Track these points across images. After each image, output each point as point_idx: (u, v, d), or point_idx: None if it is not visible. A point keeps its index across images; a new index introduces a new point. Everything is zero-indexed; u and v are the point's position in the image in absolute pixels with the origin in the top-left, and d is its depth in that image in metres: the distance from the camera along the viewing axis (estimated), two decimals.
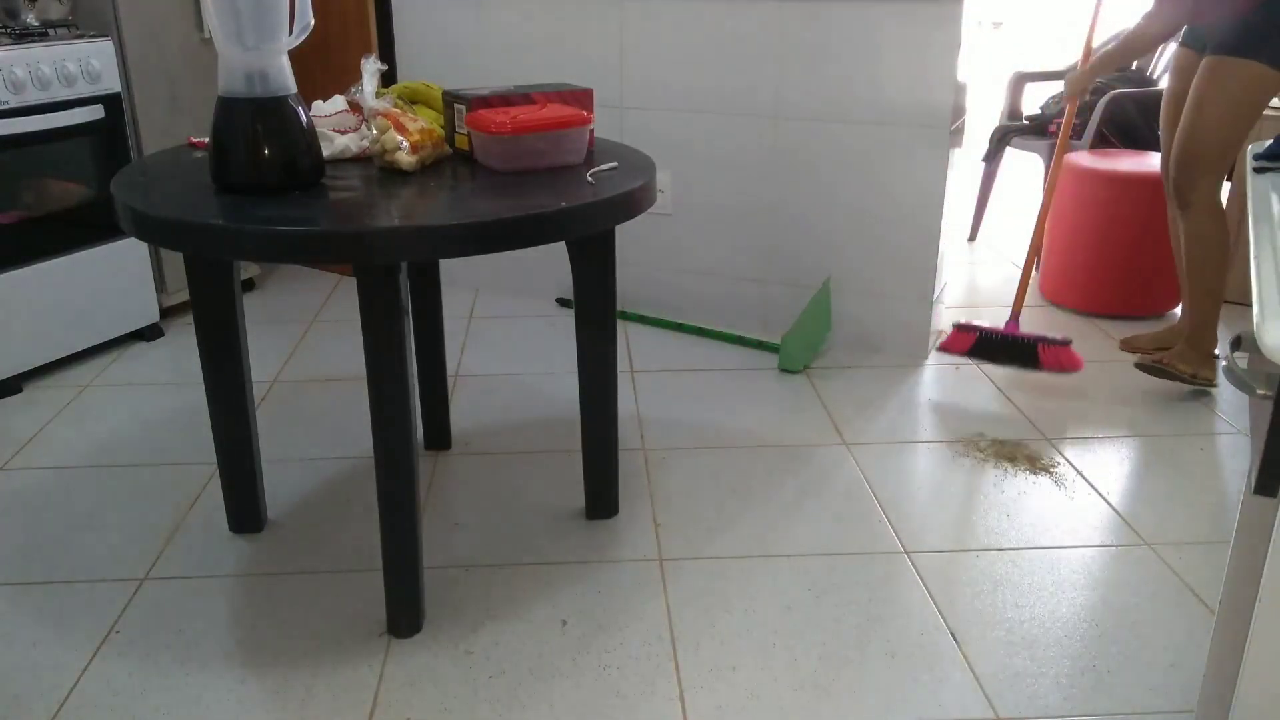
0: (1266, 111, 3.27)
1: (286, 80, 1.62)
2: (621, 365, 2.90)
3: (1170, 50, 3.55)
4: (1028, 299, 3.46)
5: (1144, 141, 3.54)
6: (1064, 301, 3.37)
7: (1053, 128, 3.73)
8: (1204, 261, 2.57)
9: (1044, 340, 2.72)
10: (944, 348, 2.84)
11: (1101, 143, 3.59)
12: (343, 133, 1.85)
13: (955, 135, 2.79)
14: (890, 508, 2.21)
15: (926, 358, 2.97)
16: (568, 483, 2.30)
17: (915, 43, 2.72)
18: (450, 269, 3.55)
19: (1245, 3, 2.35)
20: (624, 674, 1.71)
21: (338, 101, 1.93)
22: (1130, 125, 3.58)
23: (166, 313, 3.19)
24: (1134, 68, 3.78)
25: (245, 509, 2.10)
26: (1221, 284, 2.59)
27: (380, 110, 1.78)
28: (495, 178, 1.75)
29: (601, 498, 2.16)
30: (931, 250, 2.88)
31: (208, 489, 2.28)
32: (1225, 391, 2.76)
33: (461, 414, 2.63)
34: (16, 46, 2.64)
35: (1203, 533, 2.12)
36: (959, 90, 2.75)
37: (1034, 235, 2.81)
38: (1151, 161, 3.24)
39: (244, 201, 1.58)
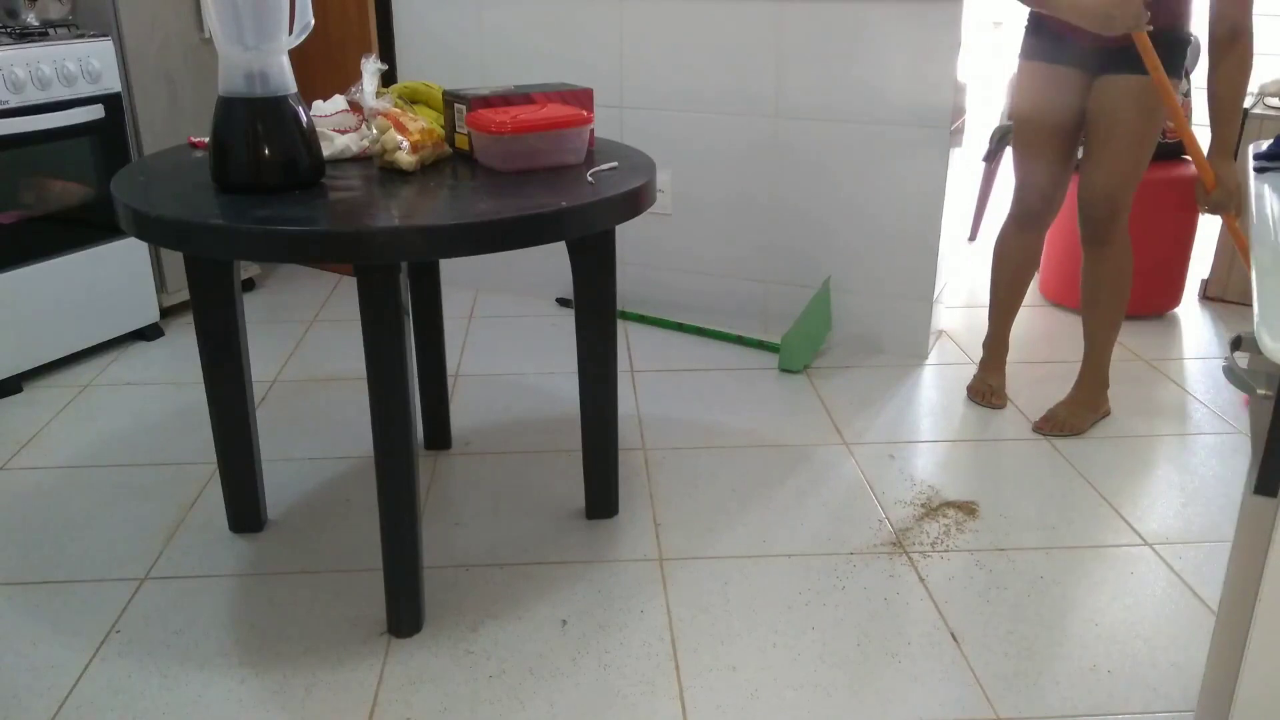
0: (1266, 111, 3.28)
1: (286, 80, 1.62)
2: (621, 365, 2.90)
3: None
4: (1028, 299, 3.46)
5: None
6: (1064, 301, 3.37)
7: None
8: (1122, 296, 2.45)
9: None
10: None
11: None
12: (343, 133, 1.85)
13: (955, 135, 2.79)
14: (890, 507, 2.21)
15: (926, 358, 2.97)
16: (568, 483, 2.30)
17: (915, 43, 2.72)
18: (450, 269, 3.55)
19: (1176, 17, 2.19)
20: (624, 674, 1.71)
21: (338, 101, 1.93)
22: None
23: (166, 313, 3.19)
24: None
25: (245, 509, 2.10)
26: (1124, 311, 2.51)
27: (380, 110, 1.78)
28: (495, 177, 1.75)
29: (601, 498, 2.16)
30: (931, 250, 2.88)
31: (208, 489, 2.28)
32: (1225, 391, 2.77)
33: (461, 414, 2.63)
34: (16, 46, 2.64)
35: (1203, 533, 2.12)
36: (959, 90, 2.75)
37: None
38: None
39: (244, 201, 1.58)
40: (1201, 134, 2.35)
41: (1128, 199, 2.35)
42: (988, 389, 2.69)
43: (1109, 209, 2.35)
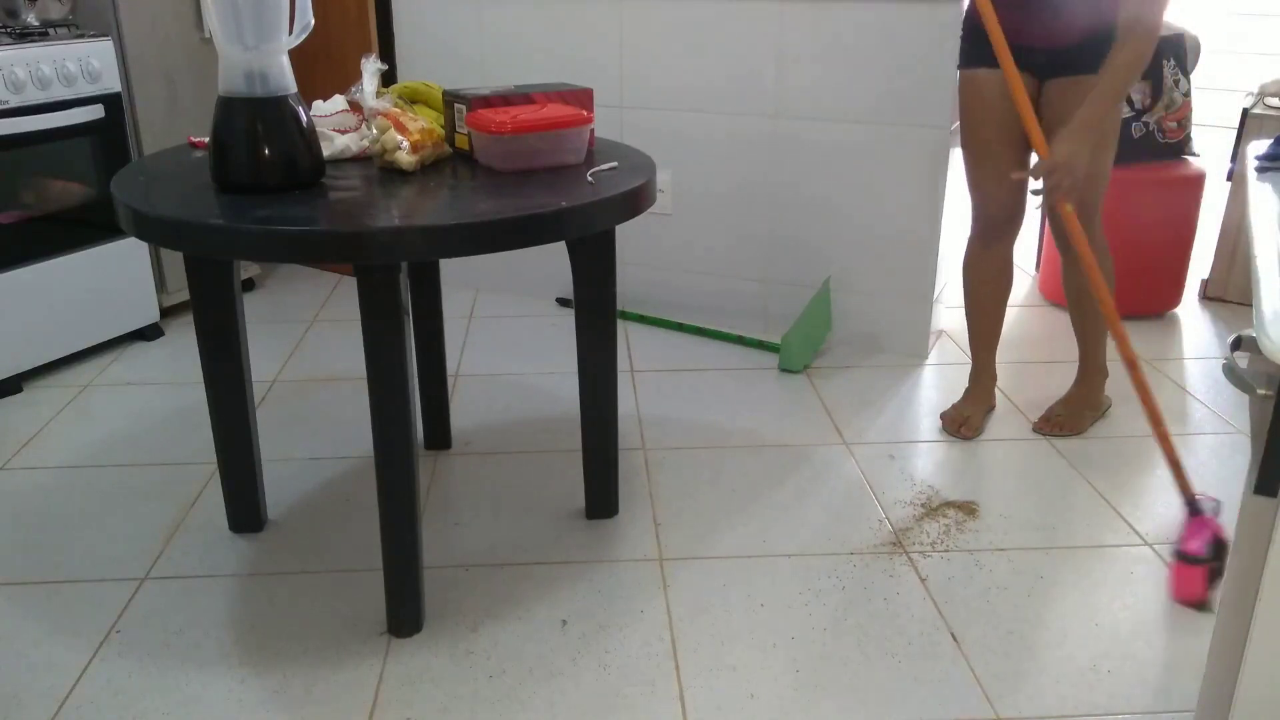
0: (1266, 111, 3.28)
1: (286, 80, 1.62)
2: (621, 365, 2.90)
3: None
4: (1027, 299, 3.47)
5: None
6: (1064, 301, 3.37)
7: None
8: (1106, 279, 2.36)
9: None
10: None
11: None
12: (343, 133, 1.85)
13: (955, 135, 2.79)
14: (890, 507, 2.21)
15: (926, 357, 2.97)
16: (568, 483, 2.30)
17: (915, 43, 2.72)
18: (450, 269, 3.55)
19: (1107, 16, 2.12)
20: (624, 674, 1.71)
21: (338, 101, 1.93)
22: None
23: (166, 313, 3.19)
24: None
25: (245, 509, 2.10)
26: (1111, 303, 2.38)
27: (380, 110, 1.78)
28: (495, 177, 1.76)
29: (601, 498, 2.16)
30: (931, 250, 2.88)
31: (208, 489, 2.28)
32: (1225, 391, 2.77)
33: (461, 414, 2.63)
34: (16, 46, 2.64)
35: None
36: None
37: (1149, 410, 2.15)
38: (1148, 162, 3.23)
39: (244, 201, 1.58)
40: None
41: (1100, 200, 2.30)
42: (962, 419, 2.52)
43: (1082, 213, 2.24)
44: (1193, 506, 1.98)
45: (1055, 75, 2.23)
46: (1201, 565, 1.90)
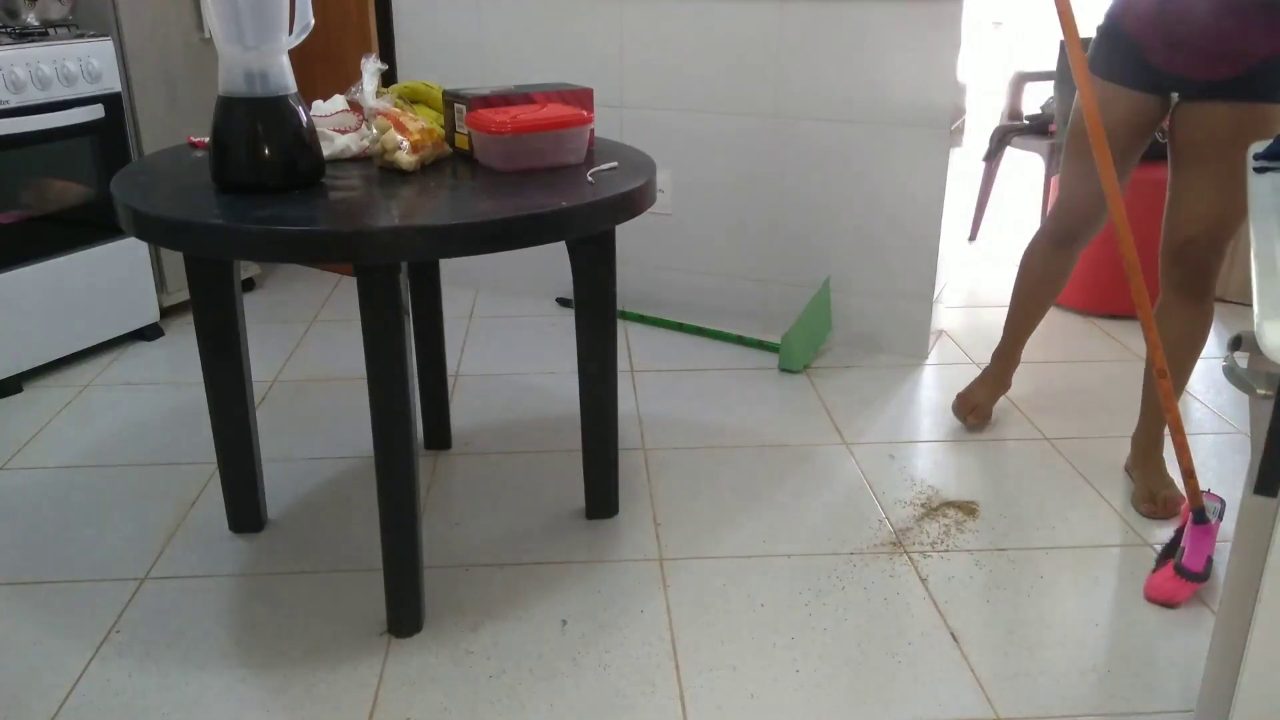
0: None
1: (286, 80, 1.62)
2: (621, 365, 2.90)
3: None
4: None
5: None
6: (1064, 301, 3.37)
7: (1053, 127, 3.73)
8: (1196, 352, 2.18)
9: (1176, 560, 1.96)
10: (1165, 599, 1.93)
11: None
12: (343, 133, 1.85)
13: (955, 135, 2.79)
14: (890, 507, 2.21)
15: (926, 357, 2.97)
16: (568, 483, 2.30)
17: (915, 43, 2.72)
18: (450, 269, 3.55)
19: None
20: (624, 674, 1.71)
21: (338, 101, 1.93)
22: None
23: (166, 313, 3.19)
24: None
25: (245, 509, 2.10)
26: None
27: (380, 110, 1.78)
28: (495, 177, 1.76)
29: (601, 498, 2.16)
30: (931, 250, 2.88)
31: (208, 489, 2.28)
32: (1225, 391, 2.77)
33: (461, 414, 2.63)
34: (16, 46, 2.64)
35: None
36: (959, 90, 2.75)
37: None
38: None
39: (244, 201, 1.58)
40: None
41: (1229, 241, 2.06)
42: (973, 405, 2.53)
43: (1215, 248, 2.05)
44: (1199, 516, 1.98)
45: (1197, 99, 2.02)
46: (1195, 582, 1.90)
